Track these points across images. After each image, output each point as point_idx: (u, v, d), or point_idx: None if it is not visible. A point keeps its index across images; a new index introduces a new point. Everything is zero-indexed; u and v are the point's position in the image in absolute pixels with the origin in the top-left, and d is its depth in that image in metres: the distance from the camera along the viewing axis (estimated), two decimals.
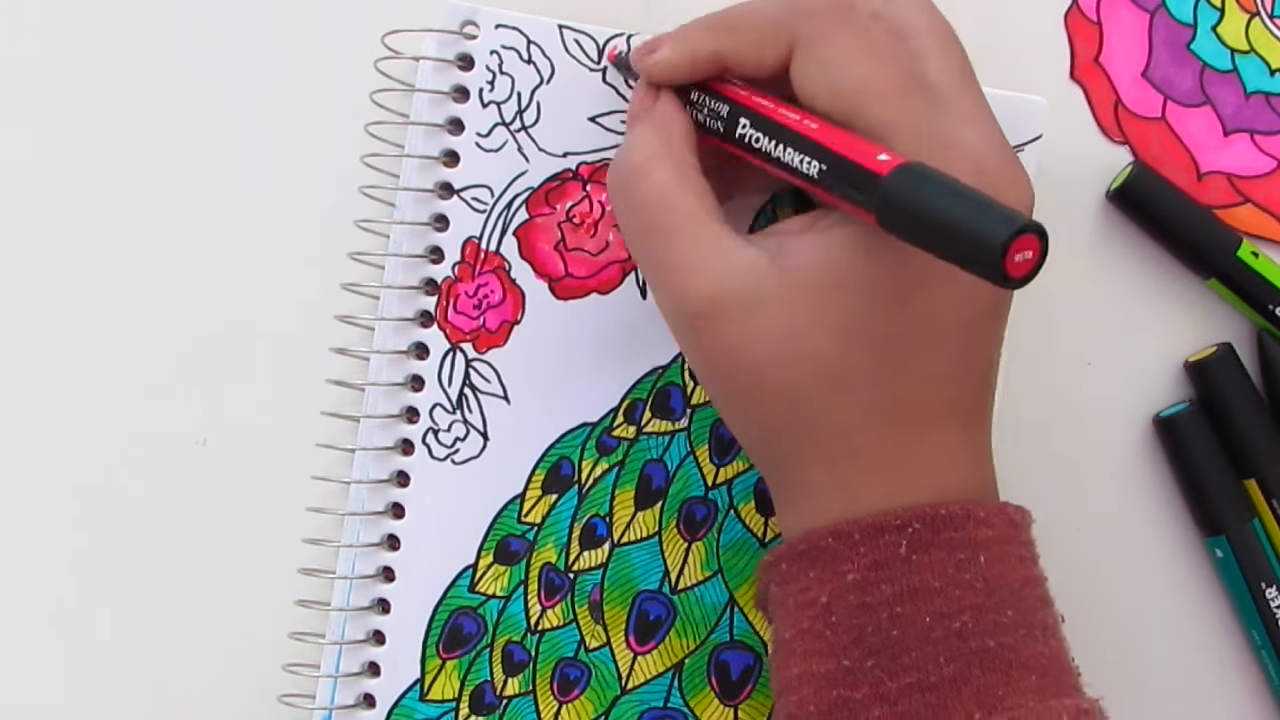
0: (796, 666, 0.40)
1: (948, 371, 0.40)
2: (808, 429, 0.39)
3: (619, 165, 0.42)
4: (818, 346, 0.38)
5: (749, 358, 0.39)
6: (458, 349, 0.48)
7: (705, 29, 0.42)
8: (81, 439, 0.50)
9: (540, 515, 0.49)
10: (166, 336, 0.50)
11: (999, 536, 0.39)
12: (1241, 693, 0.51)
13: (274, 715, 0.49)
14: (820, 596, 0.39)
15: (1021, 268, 0.33)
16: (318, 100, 0.50)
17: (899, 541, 0.38)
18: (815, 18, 0.40)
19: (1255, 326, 0.51)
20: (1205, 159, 0.51)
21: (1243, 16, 0.51)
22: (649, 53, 0.43)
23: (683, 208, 0.40)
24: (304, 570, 0.49)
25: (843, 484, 0.40)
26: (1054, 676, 0.39)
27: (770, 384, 0.39)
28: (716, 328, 0.39)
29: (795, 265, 0.39)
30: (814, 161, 0.38)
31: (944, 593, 0.38)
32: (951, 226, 0.33)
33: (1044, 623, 0.40)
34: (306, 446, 0.49)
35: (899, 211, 0.35)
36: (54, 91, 0.50)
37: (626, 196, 0.41)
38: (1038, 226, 0.33)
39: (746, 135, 0.41)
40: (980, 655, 0.38)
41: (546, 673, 0.49)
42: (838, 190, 0.37)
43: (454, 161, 0.48)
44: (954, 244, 0.33)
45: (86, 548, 0.50)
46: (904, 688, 0.38)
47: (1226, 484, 0.50)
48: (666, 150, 0.41)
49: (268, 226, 0.50)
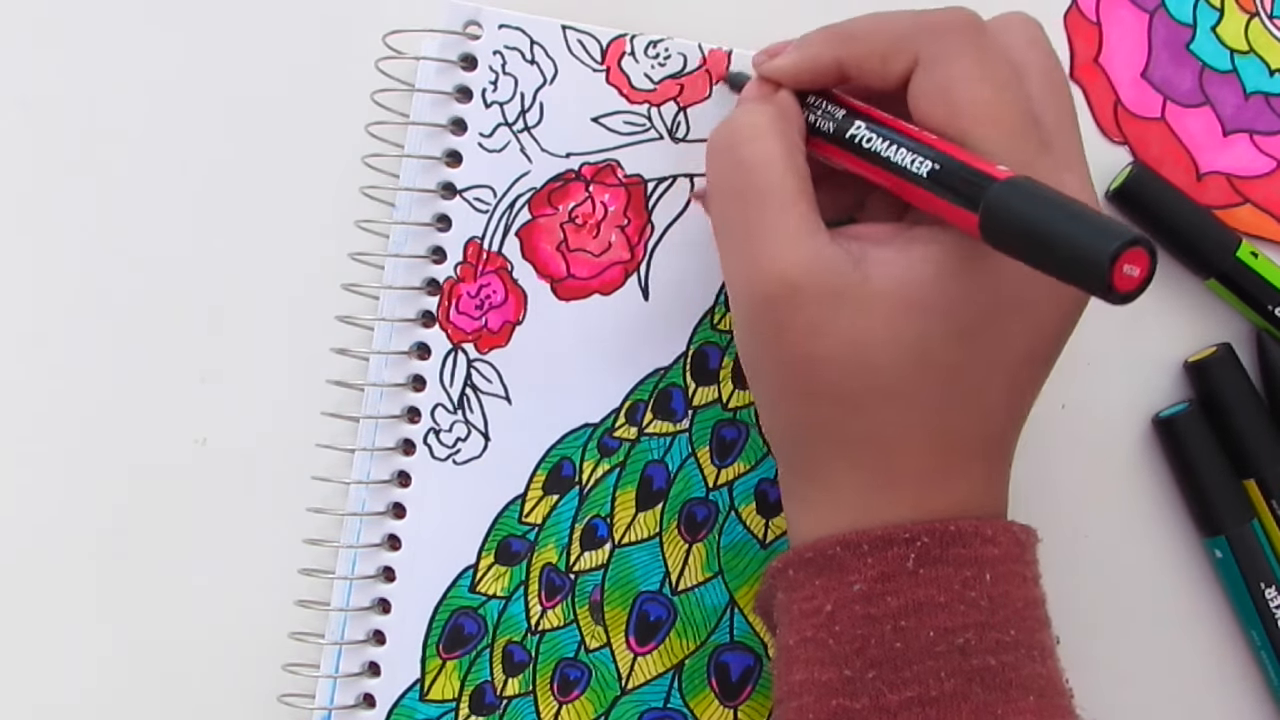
0: (798, 673, 0.40)
1: (994, 410, 0.40)
2: (848, 436, 0.39)
3: (727, 124, 0.41)
4: (881, 360, 0.38)
5: (811, 352, 0.39)
6: (459, 349, 0.48)
7: (829, 37, 0.42)
8: (81, 439, 0.50)
9: (541, 516, 0.49)
10: (166, 335, 0.50)
11: (1005, 555, 0.39)
12: (1241, 693, 0.52)
13: (274, 715, 0.49)
14: (825, 605, 0.39)
15: (1129, 282, 0.32)
16: (325, 101, 0.50)
17: (907, 555, 0.38)
18: (944, 37, 0.39)
19: (1255, 326, 0.51)
20: (1205, 159, 0.51)
21: (1242, 17, 0.51)
22: (770, 57, 0.43)
23: (785, 181, 0.39)
24: (304, 570, 0.49)
25: (866, 493, 0.40)
26: (1051, 698, 0.39)
27: (824, 384, 0.39)
28: (787, 313, 0.39)
29: (878, 274, 0.38)
30: (926, 161, 0.38)
31: (949, 608, 0.38)
32: (1059, 236, 0.33)
33: (1043, 644, 0.40)
34: (307, 446, 0.49)
35: (1008, 217, 0.35)
36: (55, 92, 0.50)
37: (731, 153, 0.41)
38: (1147, 240, 0.32)
39: (859, 136, 0.40)
40: (981, 673, 0.38)
41: (547, 673, 0.49)
42: (945, 192, 0.37)
43: (457, 162, 0.48)
44: (1062, 257, 0.33)
45: (86, 547, 0.50)
46: (904, 701, 0.38)
47: (1226, 484, 0.50)
48: (782, 123, 0.41)
49: (269, 226, 0.50)
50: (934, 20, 0.40)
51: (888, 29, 0.41)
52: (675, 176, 0.48)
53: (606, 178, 0.48)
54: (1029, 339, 0.39)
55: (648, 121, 0.48)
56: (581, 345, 0.48)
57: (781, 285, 0.38)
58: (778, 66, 0.43)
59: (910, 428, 0.39)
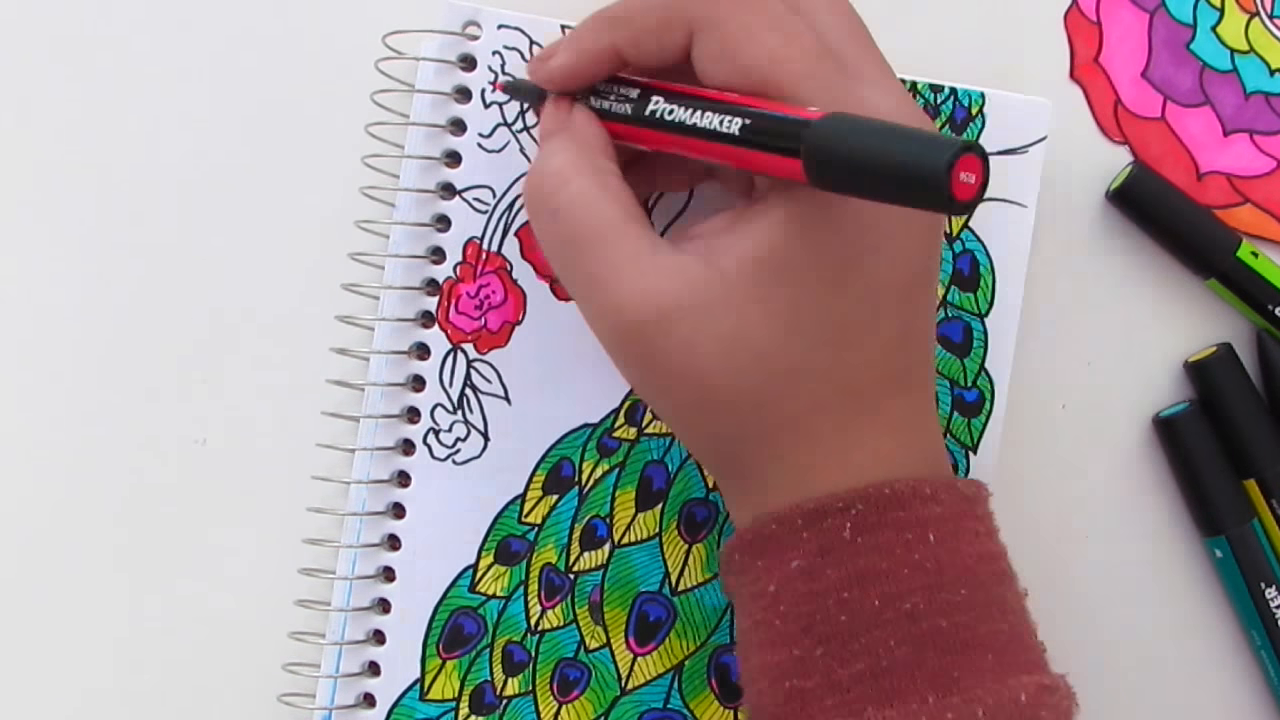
0: (754, 658, 0.39)
1: (891, 344, 0.39)
2: (763, 428, 0.38)
3: (534, 175, 0.40)
4: (765, 344, 0.37)
5: (696, 367, 0.38)
6: (459, 349, 0.48)
7: (598, 24, 0.41)
8: (81, 438, 0.50)
9: (541, 516, 0.49)
10: (166, 335, 0.50)
11: (949, 513, 0.38)
12: (1241, 693, 0.52)
13: (274, 715, 0.49)
14: (769, 586, 0.38)
15: (967, 189, 0.32)
16: (325, 101, 0.50)
17: (843, 524, 0.37)
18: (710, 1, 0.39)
19: (1255, 326, 0.51)
20: (1205, 159, 0.51)
21: (1242, 16, 0.51)
22: (545, 60, 0.42)
23: (606, 215, 0.39)
24: (304, 570, 0.49)
25: (795, 471, 0.39)
26: (1012, 654, 0.38)
27: (721, 391, 0.38)
28: (657, 340, 0.38)
29: (729, 264, 0.37)
30: (735, 120, 0.37)
31: (892, 574, 0.37)
32: (890, 162, 0.32)
33: (1001, 598, 0.39)
34: (307, 446, 0.49)
35: (833, 156, 0.34)
36: (56, 93, 0.50)
37: (543, 205, 0.40)
38: (978, 146, 0.32)
39: (659, 110, 0.39)
40: (933, 636, 0.37)
41: (546, 673, 0.49)
42: (761, 146, 0.36)
43: (456, 162, 0.48)
44: (896, 179, 0.32)
45: (86, 547, 0.50)
46: (855, 674, 0.37)
47: (1226, 484, 0.50)
48: (584, 157, 0.40)
49: (270, 226, 0.50)
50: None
51: (657, 3, 0.40)
52: None
53: None
54: (899, 267, 0.38)
55: None
56: (581, 345, 0.48)
57: (641, 315, 0.38)
58: (553, 69, 0.42)
59: (814, 394, 0.38)
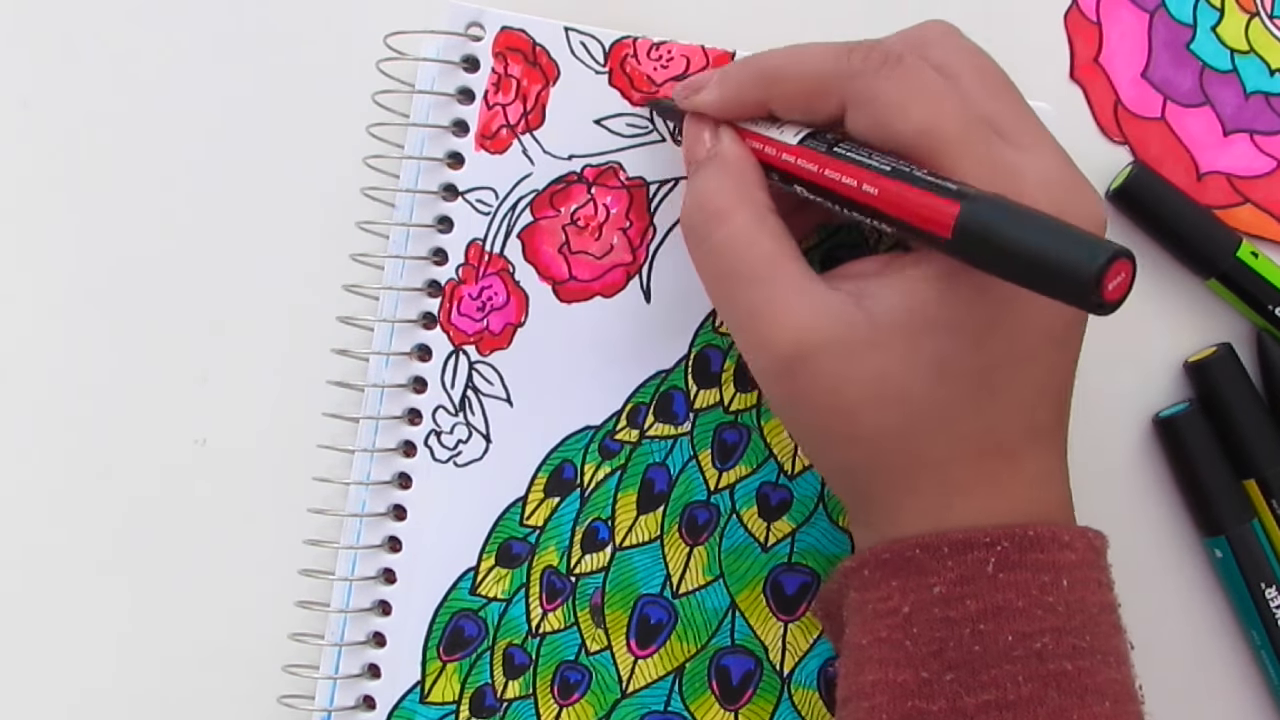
0: (871, 674, 0.40)
1: (1031, 399, 0.40)
2: (901, 466, 0.40)
3: (694, 211, 0.42)
4: (910, 388, 0.39)
5: (841, 402, 0.39)
6: (461, 351, 0.48)
7: (753, 75, 0.42)
8: (81, 438, 0.50)
9: (542, 518, 0.49)
10: (167, 335, 0.50)
11: (1081, 561, 0.40)
12: (1241, 693, 0.52)
13: (274, 716, 0.49)
14: (903, 606, 0.39)
15: (1116, 292, 0.33)
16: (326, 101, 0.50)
17: (987, 559, 0.38)
18: (860, 79, 0.39)
19: (1255, 326, 0.51)
20: (1205, 159, 0.51)
21: (1242, 17, 0.51)
22: (693, 92, 0.43)
23: (764, 253, 0.40)
24: (304, 571, 0.49)
25: (932, 509, 0.40)
26: (1124, 704, 0.39)
27: (864, 427, 0.39)
28: (807, 373, 0.39)
29: (881, 309, 0.39)
30: (873, 188, 0.38)
31: (1027, 613, 0.38)
32: (1041, 258, 0.34)
33: (1117, 650, 0.40)
34: (308, 447, 0.49)
35: (979, 243, 0.35)
36: (56, 93, 0.50)
37: (704, 241, 0.41)
38: (1127, 251, 0.33)
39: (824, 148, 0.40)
40: (1058, 678, 0.38)
41: (547, 676, 0.49)
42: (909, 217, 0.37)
43: (458, 163, 0.48)
44: (1045, 275, 0.34)
45: (86, 548, 0.50)
46: (981, 704, 0.38)
47: (1226, 484, 0.50)
48: (741, 193, 0.41)
49: (271, 226, 0.50)
50: (852, 65, 0.40)
51: (811, 71, 0.41)
52: (678, 179, 0.48)
53: (609, 180, 0.48)
54: (1043, 325, 0.39)
55: (650, 124, 0.48)
56: (583, 348, 0.48)
57: (794, 349, 0.39)
58: (699, 104, 0.43)
59: (956, 443, 0.39)
